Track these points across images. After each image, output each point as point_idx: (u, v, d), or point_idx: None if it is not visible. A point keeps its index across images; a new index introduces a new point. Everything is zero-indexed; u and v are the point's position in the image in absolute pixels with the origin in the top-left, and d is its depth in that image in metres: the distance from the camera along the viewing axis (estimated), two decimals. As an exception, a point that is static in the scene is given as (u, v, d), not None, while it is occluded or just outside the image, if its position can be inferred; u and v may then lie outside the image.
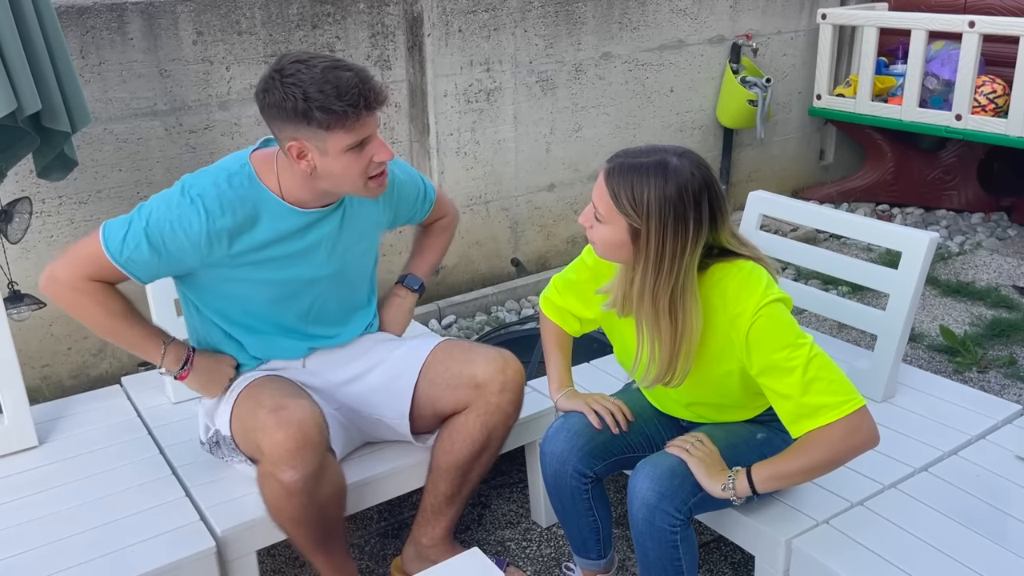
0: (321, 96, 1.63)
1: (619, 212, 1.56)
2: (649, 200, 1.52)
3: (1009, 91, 3.92)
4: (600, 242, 1.64)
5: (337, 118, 1.65)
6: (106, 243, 1.74)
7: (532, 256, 3.91)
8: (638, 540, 1.71)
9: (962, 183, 4.62)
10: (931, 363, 3.14)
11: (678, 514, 1.65)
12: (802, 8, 4.51)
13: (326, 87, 1.63)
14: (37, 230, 2.72)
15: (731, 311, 1.60)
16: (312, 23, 3.07)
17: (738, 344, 1.61)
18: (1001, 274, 3.88)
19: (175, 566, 1.67)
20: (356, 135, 1.69)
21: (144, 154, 2.87)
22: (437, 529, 2.02)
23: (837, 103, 4.53)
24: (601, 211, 1.59)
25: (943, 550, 1.69)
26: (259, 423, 1.72)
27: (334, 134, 1.67)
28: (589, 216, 1.63)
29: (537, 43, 3.64)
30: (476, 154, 3.60)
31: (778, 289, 1.62)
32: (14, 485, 1.94)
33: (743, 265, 1.62)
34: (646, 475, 1.68)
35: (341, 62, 1.69)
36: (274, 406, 1.72)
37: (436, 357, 1.98)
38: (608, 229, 1.60)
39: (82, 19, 2.68)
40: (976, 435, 2.06)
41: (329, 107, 1.63)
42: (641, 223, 1.54)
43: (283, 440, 1.67)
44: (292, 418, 1.69)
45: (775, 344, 1.57)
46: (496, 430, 1.95)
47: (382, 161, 1.75)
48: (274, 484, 1.70)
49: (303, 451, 1.67)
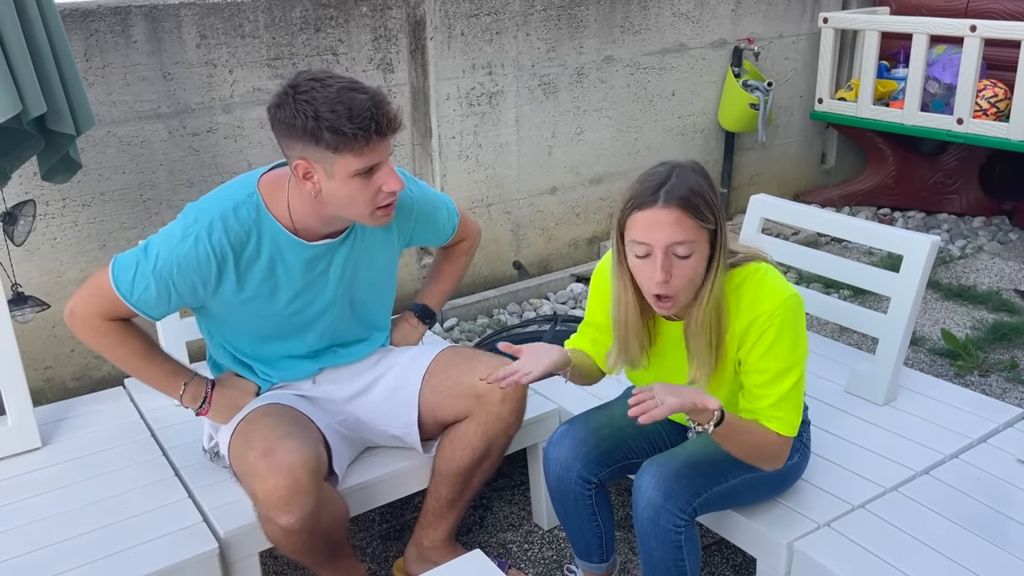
0: (332, 116, 1.58)
1: (703, 227, 1.54)
2: (710, 194, 1.55)
3: (1010, 95, 3.93)
4: (686, 282, 1.56)
5: (346, 141, 1.60)
6: (116, 283, 1.72)
7: (533, 259, 3.92)
8: (642, 540, 1.71)
9: (963, 187, 4.63)
10: (932, 367, 3.14)
11: (683, 514, 1.65)
12: (804, 12, 4.52)
13: (338, 108, 1.58)
14: (41, 232, 2.73)
15: (751, 311, 1.62)
16: (315, 26, 3.08)
17: (749, 338, 1.63)
18: (1002, 278, 3.88)
19: (178, 567, 1.68)
20: (365, 160, 1.63)
21: (147, 157, 2.88)
22: (439, 532, 2.03)
23: (839, 107, 4.54)
24: (691, 239, 1.53)
25: (944, 553, 1.69)
26: (250, 467, 1.70)
27: (342, 157, 1.62)
28: (667, 265, 1.53)
29: (539, 47, 3.65)
30: (478, 157, 3.61)
31: (791, 286, 1.66)
32: (18, 486, 1.94)
33: (754, 268, 1.66)
34: (652, 475, 1.68)
35: (358, 84, 1.64)
36: (264, 450, 1.69)
37: (438, 365, 1.98)
38: (695, 258, 1.55)
39: (86, 22, 2.69)
40: (977, 438, 2.07)
41: (339, 128, 1.58)
42: (717, 221, 1.57)
43: (275, 488, 1.65)
44: (282, 464, 1.66)
45: (780, 352, 1.62)
46: (497, 439, 1.95)
47: (391, 191, 1.70)
48: (272, 527, 1.70)
49: (296, 497, 1.66)
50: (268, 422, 1.78)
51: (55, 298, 2.76)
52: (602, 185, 4.04)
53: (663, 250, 1.52)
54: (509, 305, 3.66)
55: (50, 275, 2.80)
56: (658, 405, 1.50)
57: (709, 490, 1.69)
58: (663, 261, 1.53)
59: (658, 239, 1.52)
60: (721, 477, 1.71)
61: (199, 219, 1.71)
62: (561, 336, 2.93)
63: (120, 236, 2.88)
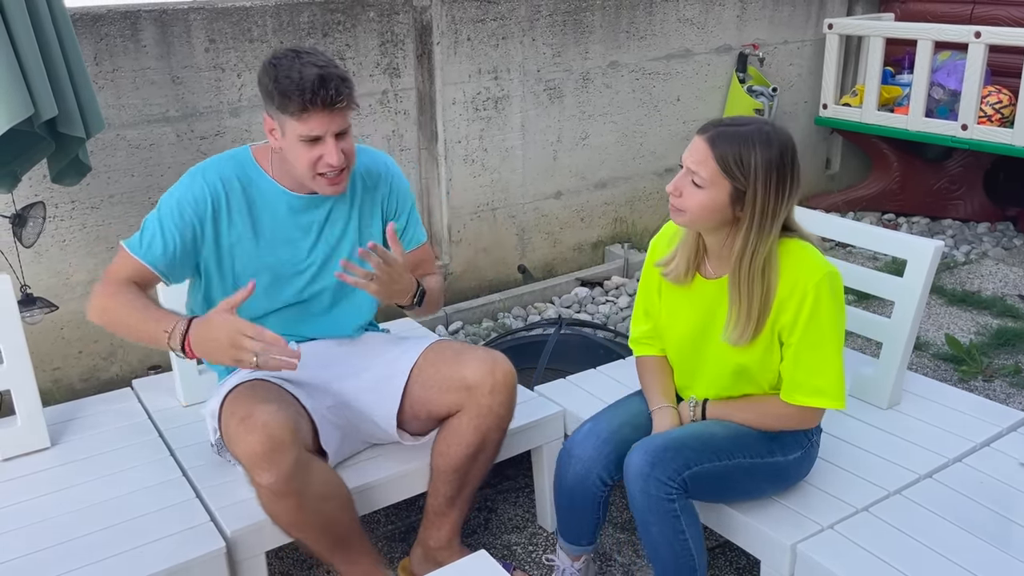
0: (286, 82, 1.76)
1: (724, 176, 1.66)
2: (756, 163, 1.65)
3: (1015, 101, 3.94)
4: (695, 207, 1.71)
5: (288, 103, 1.76)
6: (128, 242, 1.88)
7: (538, 263, 3.93)
8: (640, 519, 1.73)
9: (968, 193, 4.63)
10: (937, 372, 3.15)
11: (671, 482, 1.68)
12: (808, 18, 4.53)
13: (292, 74, 1.75)
14: (50, 234, 2.75)
15: (791, 279, 1.73)
16: (323, 31, 3.11)
17: (790, 307, 1.72)
18: (1007, 283, 3.89)
19: (185, 566, 1.69)
20: (306, 128, 1.78)
21: (156, 160, 2.90)
22: (442, 531, 2.04)
23: (843, 112, 4.55)
24: (704, 176, 1.68)
25: (948, 556, 1.69)
26: (231, 434, 1.76)
27: (287, 120, 1.79)
28: (683, 184, 1.71)
29: (545, 52, 3.66)
30: (484, 161, 3.63)
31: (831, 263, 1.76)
32: (27, 485, 1.96)
33: (797, 243, 1.77)
34: (639, 451, 1.75)
35: (323, 61, 1.79)
36: (243, 415, 1.75)
37: (427, 359, 2.01)
38: (707, 193, 1.69)
39: (96, 26, 2.71)
40: (981, 442, 2.07)
41: (285, 92, 1.76)
42: (748, 184, 1.66)
43: (252, 444, 1.69)
44: (257, 422, 1.71)
45: (820, 323, 1.72)
46: (490, 432, 1.96)
47: (328, 164, 1.82)
48: (260, 491, 1.73)
49: (273, 453, 1.69)
50: (250, 393, 1.84)
51: (63, 300, 2.78)
52: (607, 190, 4.05)
53: (685, 169, 1.73)
54: (514, 309, 3.67)
55: (59, 277, 2.82)
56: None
57: (699, 464, 1.72)
58: (680, 178, 1.73)
59: (685, 159, 1.73)
60: (713, 455, 1.74)
61: (196, 167, 1.92)
62: (565, 340, 2.95)
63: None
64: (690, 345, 1.89)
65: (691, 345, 1.89)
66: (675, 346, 1.93)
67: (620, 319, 3.57)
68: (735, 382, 1.84)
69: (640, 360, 2.03)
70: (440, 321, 3.49)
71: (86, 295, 2.85)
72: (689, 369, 1.93)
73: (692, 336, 1.87)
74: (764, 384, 1.83)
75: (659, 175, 4.21)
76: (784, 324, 1.74)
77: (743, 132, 1.67)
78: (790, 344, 1.75)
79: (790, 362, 1.76)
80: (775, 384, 1.83)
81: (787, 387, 1.78)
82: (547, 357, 2.80)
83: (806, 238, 1.79)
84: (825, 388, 1.75)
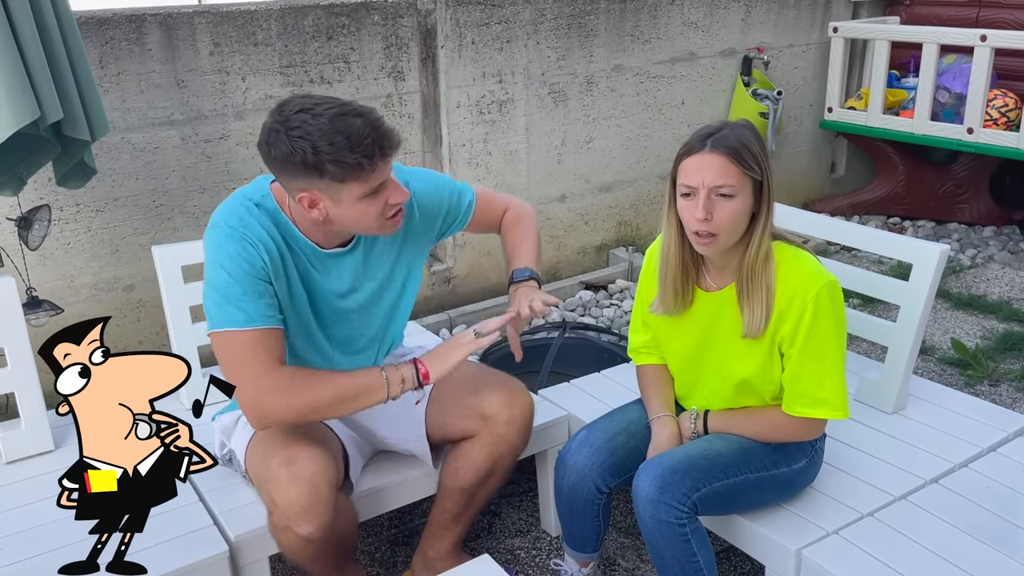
0: (332, 149, 1.53)
1: (745, 173, 1.65)
2: (756, 148, 1.67)
3: (1021, 104, 3.93)
4: (728, 221, 1.66)
5: (351, 170, 1.56)
6: (227, 325, 1.64)
7: (543, 267, 3.91)
8: (651, 543, 1.72)
9: (974, 196, 4.62)
10: (942, 376, 3.13)
11: (681, 507, 1.67)
12: (813, 21, 4.53)
13: (336, 138, 1.53)
14: (55, 237, 2.76)
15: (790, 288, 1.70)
16: (327, 35, 3.11)
17: (790, 318, 1.69)
18: (1013, 287, 3.87)
19: (188, 570, 1.69)
20: (371, 184, 1.61)
21: (160, 163, 2.91)
22: (444, 544, 2.03)
23: (848, 116, 4.54)
24: (732, 183, 1.64)
25: (953, 561, 1.69)
26: (271, 475, 1.70)
27: (348, 185, 1.58)
28: (710, 205, 1.64)
29: (549, 55, 3.66)
30: (488, 165, 3.63)
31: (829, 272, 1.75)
32: (31, 488, 1.96)
33: (792, 250, 1.75)
34: (647, 474, 1.72)
35: (348, 107, 1.58)
36: (286, 458, 1.68)
37: (445, 384, 1.88)
38: (738, 201, 1.66)
39: (102, 30, 2.72)
40: (987, 447, 2.06)
41: (342, 160, 1.54)
42: (762, 172, 1.67)
43: (296, 497, 1.65)
44: (304, 473, 1.66)
45: (820, 334, 1.70)
46: (502, 459, 1.94)
47: (396, 203, 1.69)
48: (290, 536, 1.70)
49: (316, 506, 1.66)
50: (288, 429, 1.77)
51: (68, 302, 2.78)
52: (611, 193, 4.05)
53: (706, 190, 1.64)
54: (518, 312, 3.66)
55: (64, 280, 2.82)
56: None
57: (708, 485, 1.70)
58: (705, 200, 1.64)
59: (703, 180, 1.64)
60: (720, 474, 1.73)
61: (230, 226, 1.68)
62: (569, 343, 2.94)
63: (133, 242, 2.90)
64: (691, 357, 1.88)
65: (692, 357, 1.87)
66: (676, 358, 1.93)
67: (624, 323, 3.56)
68: (736, 393, 1.83)
69: (640, 368, 2.02)
70: (444, 324, 3.49)
71: (91, 297, 2.86)
72: (690, 380, 1.92)
73: (693, 348, 1.86)
74: (766, 395, 1.82)
75: (663, 178, 4.19)
76: (784, 336, 1.72)
77: (726, 131, 1.67)
78: (790, 356, 1.73)
79: (791, 374, 1.74)
80: (776, 395, 1.81)
81: (788, 399, 1.77)
82: (551, 361, 2.79)
83: (791, 241, 1.78)
84: (827, 399, 1.73)
